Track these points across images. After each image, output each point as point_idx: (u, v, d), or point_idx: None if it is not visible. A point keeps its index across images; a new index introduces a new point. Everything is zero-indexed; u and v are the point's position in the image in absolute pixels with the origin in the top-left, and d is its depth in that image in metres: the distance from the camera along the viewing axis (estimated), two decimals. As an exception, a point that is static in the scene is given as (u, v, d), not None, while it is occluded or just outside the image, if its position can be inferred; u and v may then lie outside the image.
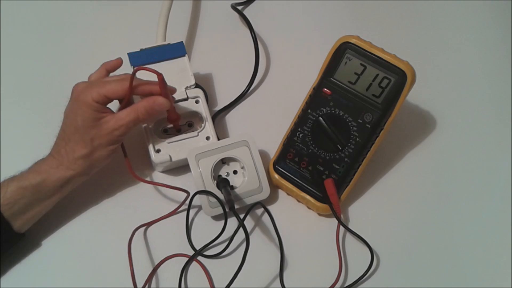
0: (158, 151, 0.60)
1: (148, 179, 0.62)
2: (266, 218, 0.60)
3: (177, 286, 0.54)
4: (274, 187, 0.62)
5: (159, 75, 0.54)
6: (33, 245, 0.57)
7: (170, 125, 0.62)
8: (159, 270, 0.56)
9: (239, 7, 0.76)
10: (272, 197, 0.61)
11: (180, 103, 0.62)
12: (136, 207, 0.60)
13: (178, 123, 0.61)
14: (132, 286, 0.54)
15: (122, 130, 0.54)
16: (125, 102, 0.55)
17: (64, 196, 0.56)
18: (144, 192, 0.61)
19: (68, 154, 0.54)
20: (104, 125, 0.54)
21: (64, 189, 0.55)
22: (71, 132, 0.54)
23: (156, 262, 0.56)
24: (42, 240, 0.58)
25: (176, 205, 0.60)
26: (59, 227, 0.58)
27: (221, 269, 0.56)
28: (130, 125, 0.54)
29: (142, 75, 0.56)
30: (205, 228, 0.58)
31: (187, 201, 0.58)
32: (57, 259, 0.57)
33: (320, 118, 0.59)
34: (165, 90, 0.56)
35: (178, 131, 0.62)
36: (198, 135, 0.62)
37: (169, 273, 0.56)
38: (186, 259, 0.56)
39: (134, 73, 0.53)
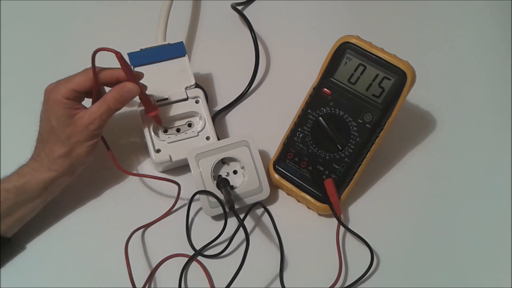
0: (158, 151, 0.60)
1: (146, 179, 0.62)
2: (266, 218, 0.60)
3: (177, 286, 0.54)
4: (274, 187, 0.62)
5: (117, 53, 0.52)
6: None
7: (171, 126, 0.62)
8: (159, 270, 0.56)
9: (239, 7, 0.76)
10: (272, 197, 0.61)
11: (180, 103, 0.62)
12: (130, 205, 0.60)
13: (158, 115, 0.59)
14: (131, 287, 0.53)
15: (96, 123, 0.54)
16: (95, 94, 0.55)
17: (52, 199, 0.56)
18: (137, 191, 0.61)
19: (47, 155, 0.54)
20: (78, 121, 0.53)
21: (49, 191, 0.54)
22: (47, 134, 0.54)
23: (156, 262, 0.56)
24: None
25: (171, 201, 0.59)
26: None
27: (221, 269, 0.56)
28: (103, 117, 0.54)
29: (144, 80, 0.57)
30: (205, 228, 0.58)
31: (181, 196, 0.58)
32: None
33: (320, 118, 0.59)
34: (129, 72, 0.55)
35: (178, 131, 0.62)
36: (198, 135, 0.61)
37: (169, 273, 0.56)
38: (186, 259, 0.56)
39: (93, 59, 0.53)
